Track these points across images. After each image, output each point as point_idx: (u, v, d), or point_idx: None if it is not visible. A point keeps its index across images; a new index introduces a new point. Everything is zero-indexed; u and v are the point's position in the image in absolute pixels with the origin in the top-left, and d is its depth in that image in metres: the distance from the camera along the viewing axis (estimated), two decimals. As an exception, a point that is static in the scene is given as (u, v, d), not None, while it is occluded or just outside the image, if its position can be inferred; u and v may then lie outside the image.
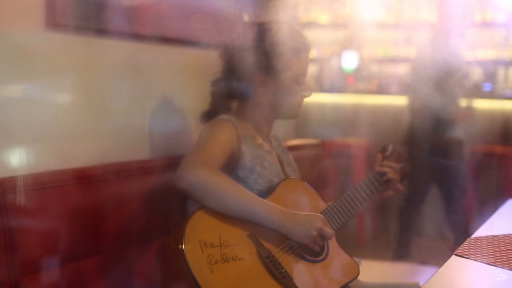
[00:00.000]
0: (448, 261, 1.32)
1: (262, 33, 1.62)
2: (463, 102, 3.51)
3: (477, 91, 4.46)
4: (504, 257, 1.33)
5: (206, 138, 1.56)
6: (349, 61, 4.76)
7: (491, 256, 1.34)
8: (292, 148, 1.97)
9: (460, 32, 3.42)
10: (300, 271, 1.48)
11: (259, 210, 1.44)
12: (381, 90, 4.64)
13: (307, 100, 1.70)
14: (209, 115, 1.68)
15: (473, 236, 1.51)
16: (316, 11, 5.03)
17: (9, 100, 1.40)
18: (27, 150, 1.43)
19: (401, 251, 3.55)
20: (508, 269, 1.25)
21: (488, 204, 3.89)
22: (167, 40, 1.84)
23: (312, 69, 1.56)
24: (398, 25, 4.77)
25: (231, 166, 1.56)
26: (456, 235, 3.40)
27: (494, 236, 1.51)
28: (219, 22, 2.03)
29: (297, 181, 1.70)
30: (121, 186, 1.56)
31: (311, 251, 1.52)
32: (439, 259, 1.37)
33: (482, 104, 4.28)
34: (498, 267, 1.27)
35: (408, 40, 4.84)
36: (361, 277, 1.62)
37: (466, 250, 1.37)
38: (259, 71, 1.61)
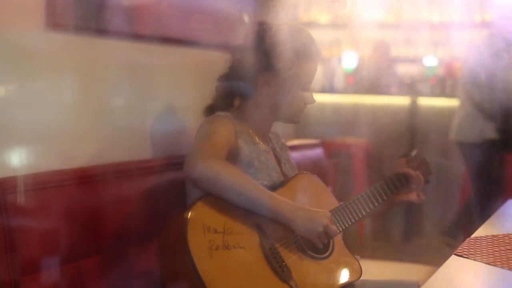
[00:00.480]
0: (448, 260, 1.32)
1: (271, 34, 1.61)
2: None
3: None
4: (504, 257, 1.33)
5: (207, 133, 1.56)
6: (349, 61, 4.75)
7: (491, 256, 1.34)
8: (292, 148, 1.97)
9: None
10: (301, 266, 1.49)
11: (268, 203, 1.45)
12: (381, 90, 4.64)
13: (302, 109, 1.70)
14: (213, 110, 1.68)
15: (473, 236, 1.51)
16: (316, 11, 5.02)
17: (9, 100, 1.40)
18: (27, 150, 1.43)
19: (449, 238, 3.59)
20: (508, 269, 1.25)
21: (488, 204, 3.89)
22: (167, 40, 1.84)
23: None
24: (398, 25, 4.77)
25: (229, 161, 1.56)
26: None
27: (493, 236, 1.51)
28: (219, 22, 2.03)
29: (311, 176, 1.70)
30: (121, 186, 1.56)
31: (316, 248, 1.52)
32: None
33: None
34: (497, 267, 1.27)
35: (408, 40, 4.84)
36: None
37: (465, 250, 1.37)
38: (265, 71, 1.61)
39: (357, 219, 1.65)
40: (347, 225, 1.62)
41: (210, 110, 1.68)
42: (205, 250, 1.35)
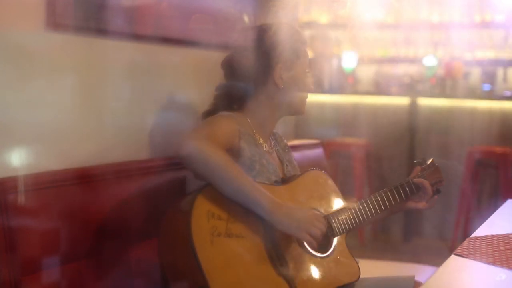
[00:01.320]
0: (447, 260, 1.32)
1: (262, 34, 1.62)
2: None
3: (476, 92, 4.47)
4: (503, 256, 1.33)
5: (209, 124, 1.56)
6: (349, 61, 4.76)
7: (490, 255, 1.34)
8: (292, 148, 1.97)
9: None
10: (299, 262, 1.49)
11: (253, 195, 1.43)
12: (381, 90, 4.64)
13: (307, 100, 1.71)
14: (211, 114, 1.68)
15: (472, 235, 1.52)
16: (316, 11, 5.03)
17: (9, 100, 1.40)
18: (27, 150, 1.43)
19: None
20: (507, 269, 1.25)
21: (487, 204, 3.89)
22: (167, 40, 1.84)
23: (312, 69, 1.58)
24: (398, 25, 4.77)
25: None
26: None
27: (493, 235, 1.51)
28: (219, 22, 2.03)
29: (321, 174, 1.69)
30: (121, 186, 1.57)
31: (317, 246, 1.52)
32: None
33: (481, 105, 4.29)
34: (497, 266, 1.27)
35: (408, 40, 4.85)
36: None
37: (465, 250, 1.38)
38: (261, 72, 1.62)
39: (362, 222, 1.63)
40: (350, 227, 1.61)
41: (210, 114, 1.68)
42: (207, 236, 1.35)
